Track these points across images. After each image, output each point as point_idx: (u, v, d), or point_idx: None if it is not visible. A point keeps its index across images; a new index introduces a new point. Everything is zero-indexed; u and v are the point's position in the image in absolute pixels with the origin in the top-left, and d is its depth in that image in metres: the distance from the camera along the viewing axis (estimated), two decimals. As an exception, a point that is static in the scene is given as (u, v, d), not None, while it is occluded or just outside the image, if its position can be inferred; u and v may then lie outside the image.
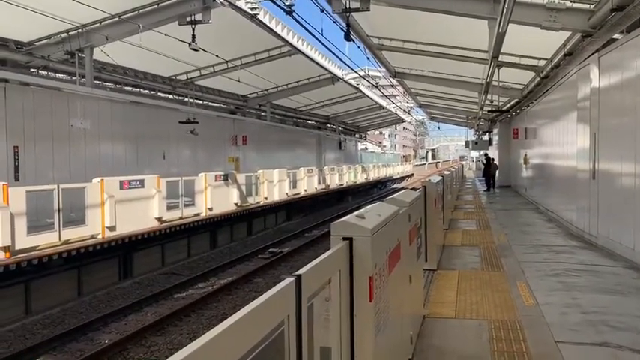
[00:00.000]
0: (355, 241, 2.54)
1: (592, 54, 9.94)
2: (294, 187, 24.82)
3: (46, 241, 10.81)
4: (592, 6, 9.09)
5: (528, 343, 4.56)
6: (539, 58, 14.05)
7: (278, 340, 1.66)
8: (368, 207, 3.40)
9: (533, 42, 12.42)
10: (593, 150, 9.78)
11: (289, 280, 1.74)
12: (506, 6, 6.87)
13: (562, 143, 12.95)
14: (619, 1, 7.69)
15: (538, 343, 4.57)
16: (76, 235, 11.54)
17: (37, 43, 14.85)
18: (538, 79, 14.76)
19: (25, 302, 10.47)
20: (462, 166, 41.04)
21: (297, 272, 1.83)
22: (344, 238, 2.55)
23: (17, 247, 10.00)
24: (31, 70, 15.42)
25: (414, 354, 4.30)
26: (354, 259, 2.53)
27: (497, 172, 26.62)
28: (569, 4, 9.40)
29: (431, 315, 5.42)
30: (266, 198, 21.31)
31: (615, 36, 9.18)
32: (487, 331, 4.91)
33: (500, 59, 12.32)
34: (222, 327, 1.28)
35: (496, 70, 13.39)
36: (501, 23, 7.73)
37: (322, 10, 11.24)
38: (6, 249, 9.72)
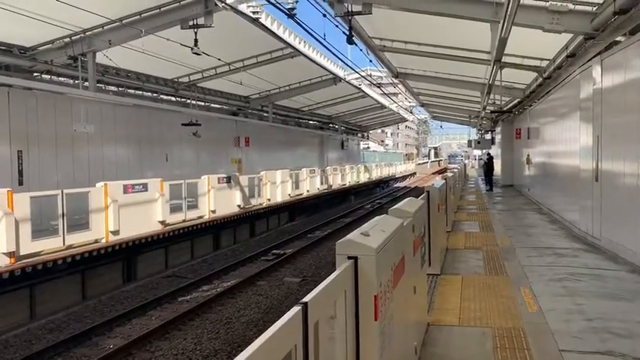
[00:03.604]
0: (360, 260, 2.55)
1: (595, 56, 9.93)
2: (297, 187, 24.85)
3: (51, 246, 10.87)
4: (594, 8, 9.08)
5: (532, 352, 4.57)
6: (542, 59, 14.04)
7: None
8: (373, 220, 3.41)
9: (536, 43, 12.41)
10: (596, 151, 9.76)
11: (296, 309, 1.76)
12: (508, 12, 6.87)
13: (564, 143, 12.94)
14: (622, 4, 7.69)
15: (542, 351, 4.58)
16: (79, 239, 11.58)
17: (40, 48, 14.92)
18: (540, 79, 14.76)
19: (29, 307, 10.55)
20: (465, 165, 40.86)
21: (304, 300, 1.84)
22: (349, 257, 2.57)
23: (22, 253, 10.06)
24: (35, 74, 15.49)
25: (419, 364, 4.32)
26: (359, 279, 2.54)
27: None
28: (571, 6, 9.40)
29: (435, 322, 5.43)
30: (269, 199, 21.34)
31: (618, 38, 9.17)
32: (491, 340, 4.92)
33: (502, 60, 12.33)
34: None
35: (499, 71, 13.39)
36: (504, 28, 7.72)
37: (325, 15, 11.27)
38: (11, 254, 9.78)
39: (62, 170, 14.87)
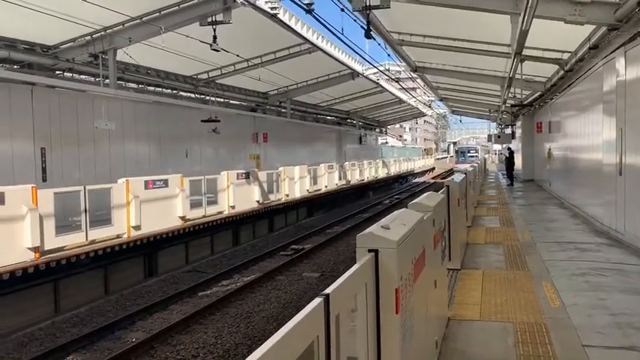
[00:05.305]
0: (381, 254, 2.55)
1: (618, 47, 9.73)
2: (315, 183, 24.86)
3: (74, 241, 11.04)
4: (618, -2, 8.90)
5: (555, 347, 4.52)
6: (563, 52, 13.81)
7: (308, 361, 1.69)
8: (393, 214, 3.40)
9: (557, 35, 12.20)
10: (620, 144, 9.59)
11: (317, 300, 1.77)
12: (529, 4, 6.77)
13: (587, 137, 12.73)
14: (646, -6, 7.53)
15: (565, 346, 4.53)
16: (102, 235, 11.76)
17: (62, 47, 15.13)
18: (562, 72, 14.52)
19: (54, 301, 10.74)
20: (485, 160, 40.50)
21: (325, 291, 1.85)
22: (369, 250, 2.56)
23: (46, 248, 10.24)
24: (57, 72, 15.72)
25: (439, 358, 4.30)
26: (379, 272, 2.54)
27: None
28: (594, -4, 9.22)
29: (455, 317, 5.40)
30: (287, 195, 21.39)
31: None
32: (512, 334, 4.88)
33: (523, 53, 12.15)
34: (256, 356, 1.31)
35: (519, 64, 13.20)
36: (524, 20, 7.61)
37: (342, 10, 11.20)
38: (35, 249, 9.96)
39: (84, 167, 15.08)
